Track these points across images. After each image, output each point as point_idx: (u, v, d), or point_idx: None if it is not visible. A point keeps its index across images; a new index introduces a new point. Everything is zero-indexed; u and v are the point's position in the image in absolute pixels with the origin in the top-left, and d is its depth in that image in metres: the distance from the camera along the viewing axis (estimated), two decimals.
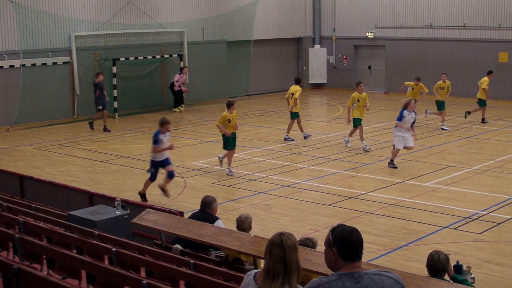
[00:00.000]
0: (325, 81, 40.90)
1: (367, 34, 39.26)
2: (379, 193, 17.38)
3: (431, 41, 37.11)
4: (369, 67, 40.24)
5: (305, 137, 24.66)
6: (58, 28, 29.20)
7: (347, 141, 23.10)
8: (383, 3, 38.56)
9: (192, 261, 8.74)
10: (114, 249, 8.84)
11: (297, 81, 25.23)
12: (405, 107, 20.12)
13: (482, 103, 27.90)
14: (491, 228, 14.58)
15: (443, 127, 26.22)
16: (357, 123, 22.76)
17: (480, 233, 14.25)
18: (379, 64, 39.70)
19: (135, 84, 30.93)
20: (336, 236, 5.17)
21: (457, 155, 21.92)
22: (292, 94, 24.46)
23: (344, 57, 40.64)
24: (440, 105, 26.57)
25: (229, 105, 19.51)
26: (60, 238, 9.81)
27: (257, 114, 31.47)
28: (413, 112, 20.20)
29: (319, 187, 18.06)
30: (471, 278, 9.02)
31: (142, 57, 31.67)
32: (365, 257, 11.87)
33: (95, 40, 30.47)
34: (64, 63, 29.52)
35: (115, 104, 30.19)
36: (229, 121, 19.40)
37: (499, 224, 14.86)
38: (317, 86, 40.84)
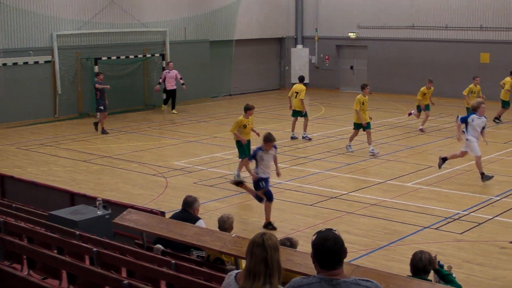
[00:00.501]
0: (307, 81, 40.89)
1: (350, 34, 39.34)
2: (361, 193, 17.43)
3: (413, 42, 37.24)
4: (351, 67, 40.33)
5: (292, 138, 24.69)
6: (40, 27, 29.06)
7: (349, 145, 22.52)
8: (366, 4, 38.66)
9: (173, 261, 8.72)
10: (95, 249, 8.80)
11: (301, 80, 25.28)
12: (474, 110, 18.59)
13: (504, 103, 28.27)
14: (472, 228, 14.65)
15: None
16: (359, 126, 22.31)
17: (461, 233, 14.31)
18: (361, 64, 39.80)
19: (117, 84, 30.79)
20: (313, 243, 5.21)
21: (438, 155, 21.95)
22: (297, 92, 24.52)
23: (327, 57, 40.72)
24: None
25: (247, 109, 18.70)
26: (41, 238, 9.76)
27: (239, 114, 31.24)
28: (483, 117, 18.59)
29: (301, 187, 18.08)
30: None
31: (124, 57, 31.58)
32: (347, 257, 11.92)
33: (77, 39, 30.35)
34: (46, 62, 29.37)
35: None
36: (245, 126, 18.69)
37: (480, 224, 14.93)
38: None
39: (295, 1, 41.05)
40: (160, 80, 31.36)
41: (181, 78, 30.75)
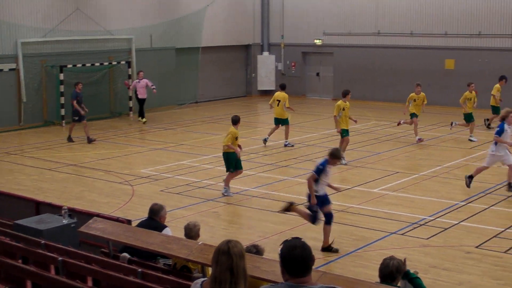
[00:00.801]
0: (273, 88, 40.87)
1: (315, 41, 39.48)
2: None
3: (379, 48, 37.46)
4: (317, 74, 40.46)
5: (264, 141, 24.72)
6: (4, 35, 28.78)
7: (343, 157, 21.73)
8: (331, 11, 38.83)
9: (139, 270, 8.66)
10: (60, 258, 8.72)
11: (283, 87, 25.31)
12: (503, 119, 18.08)
13: (494, 109, 28.41)
14: (438, 233, 14.74)
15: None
16: (343, 134, 21.93)
17: (427, 238, 14.40)
18: (327, 71, 39.94)
19: (82, 91, 30.60)
20: (281, 251, 5.23)
21: (404, 161, 22.14)
22: (279, 100, 24.54)
23: (293, 64, 40.82)
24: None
25: (238, 121, 18.00)
26: (6, 248, 9.65)
27: (205, 121, 31.42)
28: None
29: (268, 194, 18.08)
30: None
31: (89, 64, 31.38)
32: (314, 264, 11.93)
33: (42, 47, 30.11)
34: (10, 70, 29.09)
35: (62, 112, 29.86)
36: (236, 138, 17.93)
37: (446, 229, 15.03)
38: (266, 93, 40.87)
39: (261, 8, 41.11)
40: (130, 92, 31.16)
41: (152, 85, 30.44)
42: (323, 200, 13.75)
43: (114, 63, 32.61)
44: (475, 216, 16.08)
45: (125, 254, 9.96)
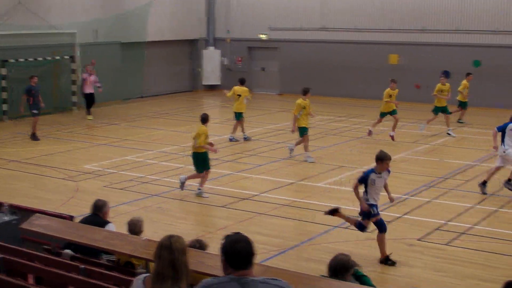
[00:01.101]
0: (219, 83, 40.93)
1: (261, 36, 39.53)
2: (272, 194, 17.51)
3: (325, 43, 37.65)
4: (263, 69, 40.52)
5: (245, 139, 24.73)
6: None
7: (309, 156, 21.48)
8: (277, 5, 38.92)
9: (82, 266, 8.59)
10: (0, 256, 8.60)
11: (242, 82, 25.19)
12: None
13: (461, 104, 28.85)
14: None
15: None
16: (303, 132, 21.59)
17: (371, 232, 14.51)
18: (273, 66, 40.03)
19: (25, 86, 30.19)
20: (224, 245, 5.27)
21: (349, 156, 22.30)
22: (239, 95, 24.48)
23: (238, 58, 40.82)
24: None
25: (207, 119, 17.61)
26: None
27: (151, 116, 31.25)
28: None
29: (213, 188, 18.05)
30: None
31: (32, 59, 30.94)
32: (258, 258, 11.92)
33: None
34: None
35: (4, 107, 29.44)
36: (207, 137, 17.60)
37: (389, 222, 15.13)
38: (211, 88, 40.85)
39: (206, 3, 41.00)
40: (89, 82, 30.37)
41: (99, 84, 30.06)
42: (375, 209, 12.90)
43: (58, 58, 32.21)
44: (418, 209, 16.29)
45: (68, 251, 9.87)
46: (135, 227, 10.28)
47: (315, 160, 21.41)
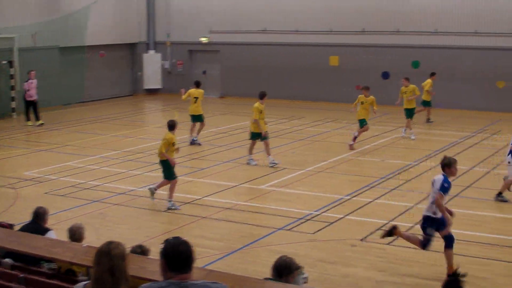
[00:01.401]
0: (160, 87, 40.76)
1: (202, 39, 39.45)
2: (215, 197, 17.47)
3: (266, 46, 37.76)
4: (204, 72, 40.42)
5: (194, 141, 24.48)
6: None
7: (273, 160, 21.03)
8: (217, 9, 38.89)
9: (22, 275, 8.45)
10: None
11: (198, 84, 24.93)
12: None
13: (426, 103, 29.18)
14: (324, 227, 14.97)
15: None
16: (256, 136, 21.27)
17: (313, 233, 14.60)
18: (214, 69, 39.98)
19: None
20: (164, 248, 5.25)
21: (291, 157, 22.36)
22: (196, 97, 24.27)
23: (179, 62, 40.66)
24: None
25: (174, 126, 17.03)
26: None
27: (91, 121, 30.93)
28: None
29: (155, 193, 17.91)
30: (304, 277, 9.17)
31: None
32: (201, 262, 11.94)
33: None
34: None
35: None
36: (173, 144, 16.91)
37: (331, 223, 15.27)
38: (152, 92, 40.64)
39: (146, 6, 40.77)
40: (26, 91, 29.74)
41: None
42: (442, 222, 12.09)
43: None
44: (360, 209, 16.41)
45: (8, 260, 9.69)
46: (75, 234, 10.15)
47: (253, 163, 21.31)
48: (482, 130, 27.85)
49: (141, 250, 8.80)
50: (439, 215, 12.02)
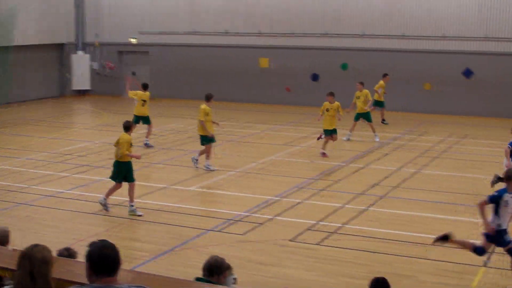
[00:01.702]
0: (89, 88, 40.30)
1: (131, 40, 39.15)
2: (145, 199, 17.33)
3: (195, 47, 37.67)
4: (134, 73, 40.10)
5: (147, 145, 24.19)
6: None
7: (208, 165, 20.71)
8: (147, 10, 38.67)
9: None
10: None
11: (145, 87, 24.52)
12: None
13: (379, 104, 29.41)
14: (254, 228, 14.99)
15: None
16: (204, 140, 20.78)
17: (243, 234, 14.61)
18: (143, 70, 39.69)
19: None
20: (89, 251, 5.18)
21: (221, 159, 22.35)
22: (144, 100, 23.99)
23: (111, 66, 40.23)
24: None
25: (130, 127, 16.58)
26: None
27: (18, 123, 30.39)
28: None
29: (83, 195, 17.73)
30: (233, 279, 9.16)
31: None
32: (131, 264, 11.83)
33: None
34: None
35: None
36: (131, 145, 16.54)
37: (261, 224, 15.31)
38: (81, 93, 40.14)
39: (75, 6, 40.24)
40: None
41: None
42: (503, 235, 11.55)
43: None
44: (289, 210, 16.48)
45: None
46: (1, 238, 9.94)
47: (199, 166, 20.89)
48: (409, 131, 28.29)
49: (68, 253, 8.67)
50: (503, 226, 11.52)
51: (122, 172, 16.42)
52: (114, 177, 16.53)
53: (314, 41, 35.16)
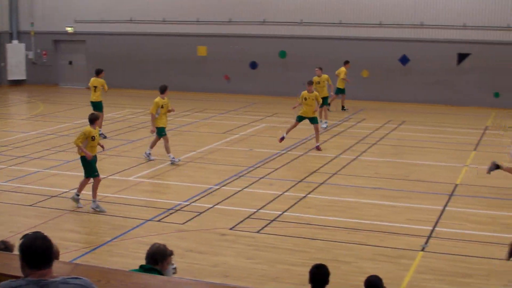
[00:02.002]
0: (24, 78, 39.71)
1: (67, 29, 38.67)
2: (83, 190, 17.12)
3: (133, 36, 37.39)
4: (70, 63, 39.66)
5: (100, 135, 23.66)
6: None
7: (149, 154, 20.53)
8: None
9: None
10: None
11: (98, 72, 24.04)
12: None
13: (340, 91, 29.78)
14: (194, 217, 14.98)
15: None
16: (162, 132, 20.26)
17: (183, 223, 14.59)
18: (80, 59, 39.27)
19: None
20: (20, 243, 5.09)
21: (160, 148, 22.23)
22: (95, 86, 23.51)
23: (44, 52, 39.71)
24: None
25: (95, 119, 15.91)
26: None
27: None
28: None
29: (20, 187, 17.48)
30: (173, 268, 9.16)
31: None
32: (69, 256, 11.75)
33: None
34: None
35: None
36: (93, 138, 15.70)
37: (201, 213, 15.30)
38: (17, 83, 39.52)
39: None
40: None
41: None
42: None
43: None
44: (229, 199, 16.50)
45: None
46: None
47: (179, 159, 20.44)
48: (347, 118, 28.54)
49: (4, 246, 8.55)
50: None
51: (85, 166, 15.81)
52: (86, 173, 15.90)
53: (252, 29, 35.19)
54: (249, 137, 24.31)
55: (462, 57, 32.58)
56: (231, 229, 14.27)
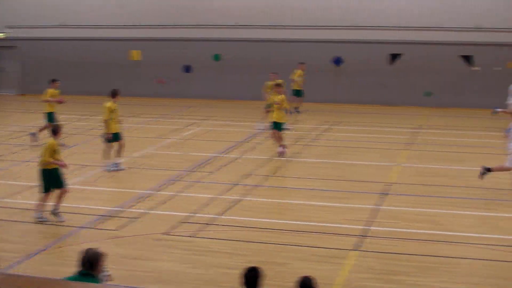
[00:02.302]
0: None
1: None
2: (14, 199, 16.87)
3: (65, 41, 37.11)
4: (2, 69, 39.04)
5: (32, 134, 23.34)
6: None
7: (118, 163, 19.98)
8: (14, 3, 37.71)
9: None
10: None
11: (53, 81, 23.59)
12: None
13: (297, 93, 30.03)
14: (128, 223, 14.84)
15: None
16: (117, 138, 20.03)
17: (116, 230, 14.45)
18: (12, 66, 38.68)
19: None
20: None
21: (95, 154, 22.02)
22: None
23: None
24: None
25: (58, 131, 15.26)
26: None
27: None
28: None
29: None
30: (107, 275, 9.09)
31: None
32: (2, 266, 11.50)
33: None
34: None
35: None
36: (55, 151, 15.06)
37: (135, 219, 15.17)
38: None
39: None
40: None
41: None
42: None
43: None
44: (163, 204, 16.40)
45: None
46: None
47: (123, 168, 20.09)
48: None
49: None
50: None
51: (52, 179, 15.19)
52: (45, 188, 15.22)
53: (187, 32, 35.13)
54: (184, 141, 24.24)
55: (394, 57, 33.04)
56: (165, 234, 14.18)
